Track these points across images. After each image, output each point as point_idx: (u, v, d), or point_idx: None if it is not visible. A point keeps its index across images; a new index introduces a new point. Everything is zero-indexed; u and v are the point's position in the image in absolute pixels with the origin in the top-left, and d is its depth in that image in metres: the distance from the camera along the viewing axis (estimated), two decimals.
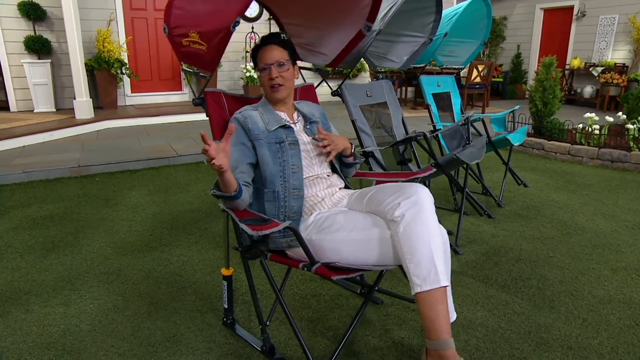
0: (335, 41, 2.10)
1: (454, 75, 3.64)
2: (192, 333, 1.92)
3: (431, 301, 1.39)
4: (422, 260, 1.40)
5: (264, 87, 1.78)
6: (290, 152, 1.71)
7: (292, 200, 1.68)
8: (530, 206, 3.45)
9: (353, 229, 1.55)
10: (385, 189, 1.59)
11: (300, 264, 1.54)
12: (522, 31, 10.16)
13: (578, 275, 2.40)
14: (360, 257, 1.54)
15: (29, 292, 2.24)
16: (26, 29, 6.79)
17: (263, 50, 1.74)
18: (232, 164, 1.65)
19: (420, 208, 1.44)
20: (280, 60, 1.72)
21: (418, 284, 1.40)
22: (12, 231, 2.99)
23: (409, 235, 1.42)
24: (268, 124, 1.73)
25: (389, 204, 1.49)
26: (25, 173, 4.14)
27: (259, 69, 1.75)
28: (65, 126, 5.77)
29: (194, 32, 1.62)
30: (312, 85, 2.22)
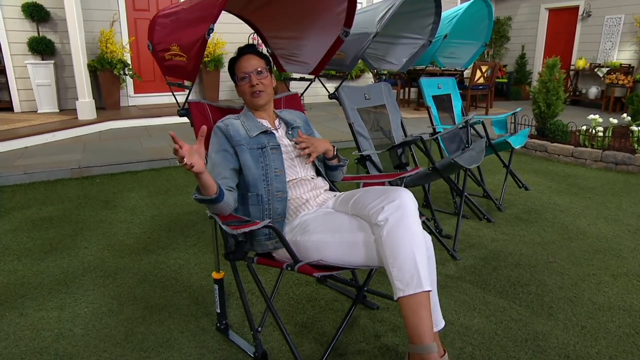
0: (316, 49, 2.17)
1: (455, 77, 3.61)
2: (185, 338, 1.91)
3: (414, 306, 1.38)
4: (404, 265, 1.39)
5: (244, 95, 1.82)
6: (272, 156, 1.74)
7: (276, 203, 1.70)
8: (531, 209, 3.41)
9: (338, 231, 1.56)
10: (370, 193, 1.59)
11: (284, 264, 1.54)
12: (526, 31, 10.09)
13: (578, 281, 2.36)
14: (344, 260, 1.55)
15: (25, 295, 2.24)
16: (30, 30, 6.82)
17: (241, 60, 1.80)
18: (215, 170, 1.69)
19: (403, 212, 1.44)
20: (258, 68, 1.79)
21: (401, 289, 1.39)
22: (10, 233, 3.00)
23: (392, 240, 1.42)
24: (249, 131, 1.76)
25: (372, 208, 1.50)
26: (27, 174, 4.15)
27: (239, 78, 1.80)
28: (67, 127, 5.79)
29: (175, 45, 1.71)
30: (296, 94, 2.25)
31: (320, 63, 2.21)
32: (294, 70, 2.28)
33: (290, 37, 2.18)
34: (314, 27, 2.12)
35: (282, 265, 1.55)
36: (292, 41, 2.19)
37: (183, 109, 1.84)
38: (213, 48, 7.86)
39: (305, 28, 2.14)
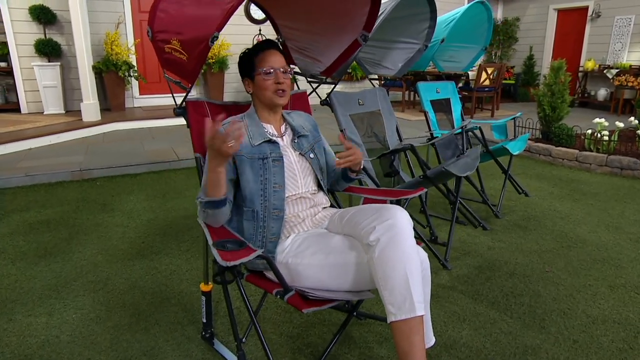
0: (331, 48, 2.04)
1: (462, 79, 3.56)
2: (170, 347, 1.90)
3: (406, 331, 1.32)
4: (396, 288, 1.33)
5: (265, 91, 1.66)
6: (273, 169, 1.63)
7: (272, 221, 1.62)
8: (530, 216, 3.35)
9: (330, 253, 1.50)
10: (363, 211, 1.53)
11: (274, 290, 1.50)
12: (535, 32, 9.96)
13: (573, 293, 2.31)
14: (336, 282, 1.49)
15: (15, 300, 2.25)
16: (37, 33, 6.89)
17: (267, 53, 1.66)
18: None
19: (396, 232, 1.37)
20: (285, 66, 1.68)
21: (392, 313, 1.34)
22: (7, 236, 3.02)
23: (384, 261, 1.36)
24: (252, 138, 1.65)
25: (364, 227, 1.43)
26: (29, 176, 4.19)
27: (263, 72, 1.64)
28: (72, 129, 5.84)
29: (176, 40, 1.58)
30: (305, 92, 2.14)
31: (334, 64, 2.07)
32: (304, 66, 2.15)
33: (304, 29, 2.02)
34: (333, 26, 1.97)
35: (271, 290, 1.51)
36: (306, 35, 2.03)
37: (180, 107, 1.74)
38: (218, 49, 7.87)
39: (323, 24, 1.97)
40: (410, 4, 2.59)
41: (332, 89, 2.48)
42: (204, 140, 1.70)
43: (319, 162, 1.80)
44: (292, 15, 2.01)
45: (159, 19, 1.64)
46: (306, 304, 1.41)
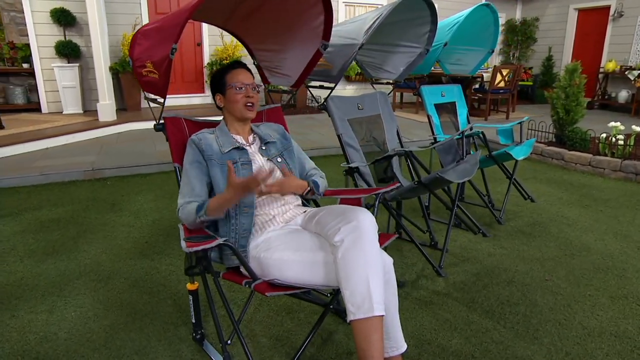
0: (297, 62, 2.19)
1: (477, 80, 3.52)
2: (161, 346, 1.94)
3: (364, 330, 1.36)
4: (357, 288, 1.38)
5: (235, 104, 1.81)
6: (242, 172, 1.75)
7: (243, 218, 1.72)
8: (536, 222, 3.29)
9: (299, 250, 1.56)
10: (331, 212, 1.59)
11: (243, 281, 1.56)
12: (554, 32, 9.74)
13: (571, 303, 2.27)
14: (304, 278, 1.55)
15: (19, 297, 2.33)
16: (57, 35, 7.09)
17: (237, 71, 1.82)
18: (190, 183, 1.74)
19: (359, 234, 1.42)
20: (254, 83, 1.84)
21: (352, 312, 1.38)
22: (19, 234, 3.12)
23: (346, 262, 1.41)
24: (222, 146, 1.78)
25: (331, 228, 1.49)
26: (43, 175, 4.32)
27: (233, 87, 1.79)
28: (87, 128, 5.99)
29: (149, 62, 1.74)
30: (279, 107, 2.28)
31: (301, 76, 2.25)
32: (277, 82, 2.31)
33: (273, 49, 2.21)
34: (294, 41, 2.15)
35: (241, 282, 1.56)
36: (275, 54, 2.21)
37: (159, 124, 1.88)
38: (232, 51, 7.96)
39: (286, 41, 2.17)
40: (409, 8, 2.57)
41: (329, 94, 2.49)
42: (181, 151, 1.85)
43: (289, 166, 1.90)
44: (261, 37, 2.20)
45: (137, 50, 1.83)
46: (271, 288, 1.48)
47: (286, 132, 2.03)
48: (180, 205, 1.71)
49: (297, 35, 2.08)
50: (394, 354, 1.57)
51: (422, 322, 2.10)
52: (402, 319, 2.10)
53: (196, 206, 1.65)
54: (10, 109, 7.46)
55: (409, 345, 1.93)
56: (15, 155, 5.03)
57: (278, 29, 2.08)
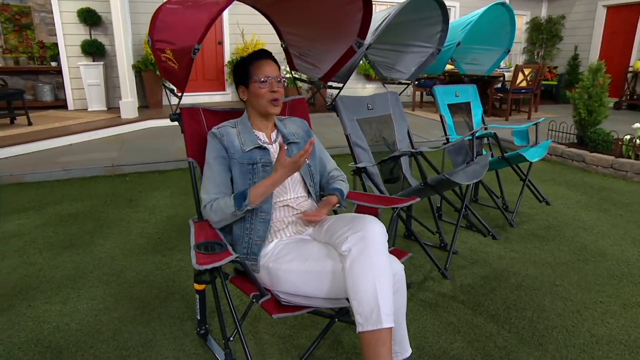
0: (328, 55, 2.08)
1: (475, 85, 3.48)
2: (166, 340, 1.99)
3: (372, 342, 1.34)
4: (364, 299, 1.35)
5: (259, 99, 1.71)
6: (262, 173, 1.68)
7: (259, 224, 1.67)
8: (551, 226, 3.22)
9: (307, 260, 1.53)
10: (340, 220, 1.56)
11: (251, 293, 1.55)
12: (581, 31, 9.47)
13: (581, 309, 2.22)
14: (312, 289, 1.52)
15: (36, 288, 2.43)
16: (84, 34, 7.30)
17: (262, 63, 1.71)
18: (215, 179, 1.68)
19: (367, 244, 1.39)
20: (279, 76, 1.72)
21: (360, 323, 1.36)
22: (40, 227, 3.24)
23: (354, 272, 1.38)
24: (244, 144, 1.71)
25: (339, 237, 1.46)
26: (65, 171, 4.46)
27: (257, 80, 1.69)
28: (110, 125, 6.15)
29: (169, 50, 1.64)
30: (304, 98, 2.18)
31: (331, 71, 2.13)
32: (304, 72, 2.21)
33: (303, 36, 2.08)
34: (329, 33, 2.02)
35: (249, 294, 1.56)
36: (306, 41, 2.09)
37: (175, 114, 1.81)
38: (253, 48, 8.03)
39: (320, 32, 2.03)
40: (420, 8, 2.55)
41: (337, 93, 2.49)
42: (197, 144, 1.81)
43: (309, 168, 1.83)
44: (292, 22, 2.07)
45: (157, 29, 1.71)
46: (278, 309, 1.46)
47: (310, 130, 1.95)
48: (207, 202, 1.66)
49: (332, 28, 1.97)
50: (397, 358, 1.56)
51: (425, 324, 2.09)
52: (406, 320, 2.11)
53: (233, 198, 1.60)
54: (38, 106, 7.73)
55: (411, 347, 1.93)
56: (41, 151, 5.21)
57: (312, 16, 1.96)
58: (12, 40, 7.94)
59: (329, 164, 1.96)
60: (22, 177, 4.32)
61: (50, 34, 7.77)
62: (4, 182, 4.28)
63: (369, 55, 2.97)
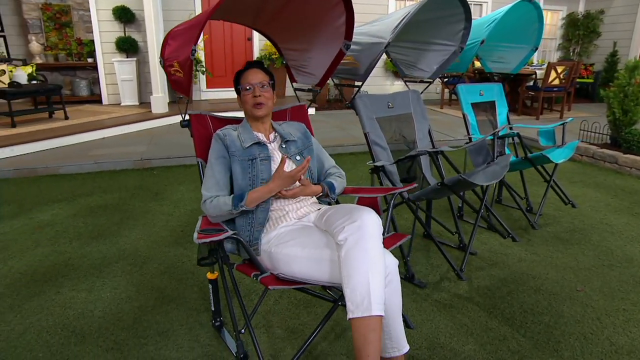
0: (321, 61, 2.23)
1: (501, 84, 3.40)
2: (183, 330, 2.06)
3: (362, 329, 1.38)
4: (357, 287, 1.40)
5: (245, 105, 1.92)
6: (261, 167, 1.83)
7: (259, 212, 1.79)
8: (576, 229, 3.13)
9: (307, 246, 1.61)
10: (339, 210, 1.62)
11: (252, 273, 1.63)
12: (621, 26, 9.06)
13: (602, 316, 2.15)
14: (311, 274, 1.59)
15: (65, 275, 2.55)
16: (118, 31, 7.54)
17: (248, 72, 1.92)
18: (215, 177, 1.82)
19: (362, 234, 1.45)
20: (262, 81, 1.90)
21: (351, 310, 1.41)
22: (71, 218, 3.39)
23: (348, 260, 1.44)
24: (244, 142, 1.87)
25: (336, 227, 1.52)
26: (97, 164, 4.64)
27: (243, 89, 1.90)
28: (141, 120, 6.34)
29: (176, 62, 1.82)
30: (304, 105, 2.32)
31: (325, 75, 2.28)
32: (303, 81, 2.36)
33: (299, 49, 2.26)
34: (318, 40, 2.20)
35: (250, 274, 1.63)
36: (301, 53, 2.27)
37: (184, 120, 1.98)
38: None
39: (311, 41, 2.22)
40: (442, 6, 2.52)
41: (356, 92, 2.50)
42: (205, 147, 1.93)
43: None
44: (287, 36, 2.26)
45: (167, 49, 1.92)
46: (274, 282, 1.55)
47: (308, 131, 2.08)
48: (207, 198, 1.78)
49: (320, 35, 2.12)
50: (395, 354, 1.58)
51: (438, 324, 2.09)
52: (419, 320, 2.11)
53: (232, 198, 1.73)
54: (75, 101, 8.04)
55: (421, 347, 1.93)
56: (76, 144, 5.44)
57: (302, 29, 2.13)
58: (53, 37, 8.28)
59: (326, 162, 2.08)
60: (57, 169, 4.52)
61: (87, 31, 8.07)
62: (41, 174, 4.50)
63: (391, 53, 2.96)
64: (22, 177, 4.42)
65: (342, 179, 2.03)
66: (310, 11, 2.00)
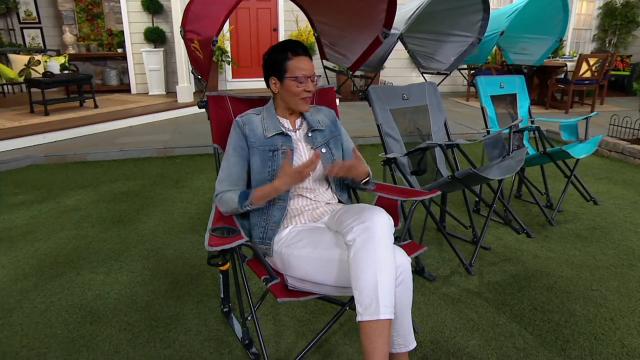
0: (356, 44, 2.11)
1: (523, 76, 3.31)
2: (192, 315, 2.12)
3: (369, 332, 1.36)
4: (365, 289, 1.37)
5: (293, 96, 1.73)
6: (283, 160, 1.71)
7: (276, 210, 1.73)
8: (597, 227, 3.04)
9: (317, 247, 1.57)
10: (349, 210, 1.57)
11: (262, 276, 1.62)
12: None
13: (615, 317, 2.10)
14: (320, 275, 1.56)
15: (85, 258, 2.66)
16: (146, 22, 7.70)
17: (300, 59, 1.70)
18: (231, 169, 1.74)
19: (371, 235, 1.40)
20: (314, 74, 1.73)
21: (360, 312, 1.38)
22: (95, 203, 3.53)
23: (356, 262, 1.40)
24: (266, 130, 1.74)
25: (346, 227, 1.48)
26: (122, 151, 4.79)
27: (296, 78, 1.69)
28: (167, 109, 6.49)
29: (197, 40, 1.74)
30: (332, 88, 2.18)
31: (359, 60, 2.16)
32: (333, 60, 2.26)
33: (334, 25, 2.12)
34: (355, 22, 2.05)
35: (260, 276, 1.63)
36: (336, 30, 2.13)
37: (202, 101, 1.89)
38: (307, 36, 8.08)
39: (347, 21, 2.06)
40: None
41: (369, 83, 2.48)
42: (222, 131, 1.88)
43: (333, 157, 1.84)
44: (323, 11, 2.11)
45: (189, 19, 1.78)
46: (283, 293, 1.51)
47: (337, 119, 1.95)
48: (218, 192, 1.73)
49: (358, 17, 2.00)
50: (401, 350, 1.57)
51: (444, 318, 2.08)
52: (425, 313, 2.11)
53: (238, 196, 1.67)
54: (105, 90, 8.29)
55: (425, 340, 1.93)
56: (104, 132, 5.62)
57: (340, 5, 2.00)
58: (85, 28, 8.54)
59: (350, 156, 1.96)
60: (85, 156, 4.69)
61: (117, 22, 8.27)
62: (70, 160, 4.68)
63: (408, 44, 2.92)
64: (52, 164, 4.61)
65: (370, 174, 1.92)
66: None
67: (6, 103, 6.98)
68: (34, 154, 4.66)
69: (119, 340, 1.94)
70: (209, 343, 1.92)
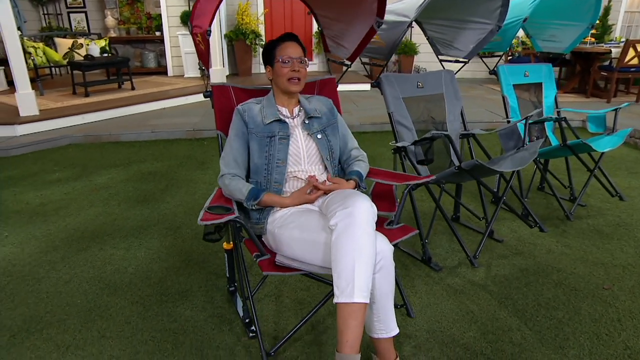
0: (353, 35, 2.18)
1: (550, 64, 3.17)
2: (200, 292, 2.24)
3: (344, 314, 1.42)
4: (343, 272, 1.42)
5: (280, 78, 1.85)
6: (279, 146, 1.82)
7: (271, 192, 1.82)
8: (621, 223, 2.91)
9: (306, 229, 1.64)
10: (337, 195, 1.63)
11: (254, 252, 1.71)
12: None
13: (623, 318, 2.03)
14: (307, 256, 1.63)
15: (109, 234, 2.83)
16: (183, 5, 7.85)
17: (286, 44, 1.84)
18: (232, 154, 1.85)
19: (352, 221, 1.45)
20: (301, 57, 1.85)
21: (336, 295, 1.44)
22: (124, 182, 3.71)
23: (337, 246, 1.46)
24: (265, 117, 1.85)
25: (331, 212, 1.54)
26: (154, 133, 4.98)
27: (281, 61, 1.82)
28: (200, 92, 6.61)
29: (200, 34, 1.85)
30: (333, 78, 2.25)
31: (356, 50, 2.24)
32: (335, 52, 2.32)
33: (335, 18, 2.22)
34: (352, 13, 2.13)
35: (252, 253, 1.72)
36: (336, 23, 2.22)
37: (207, 91, 2.02)
38: None
39: (345, 12, 2.15)
40: None
41: (381, 71, 2.47)
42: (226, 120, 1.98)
43: (329, 144, 1.93)
44: (323, 4, 2.21)
45: (195, 16, 1.90)
46: (270, 267, 1.63)
47: (334, 107, 2.04)
48: (224, 174, 1.84)
49: (354, 9, 2.06)
50: (383, 336, 1.59)
51: (443, 309, 2.09)
52: (425, 303, 2.12)
53: (248, 191, 1.75)
54: (144, 72, 8.57)
55: (420, 329, 1.95)
56: (139, 113, 5.85)
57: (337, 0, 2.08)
58: (126, 12, 8.81)
59: (350, 142, 2.04)
60: (118, 136, 4.91)
61: (156, 6, 8.49)
62: (105, 140, 4.92)
63: (428, 31, 2.87)
64: (88, 143, 4.87)
65: (365, 162, 2.00)
66: None
67: (52, 84, 7.37)
68: (74, 133, 4.93)
69: (131, 312, 2.08)
70: (212, 319, 2.03)
